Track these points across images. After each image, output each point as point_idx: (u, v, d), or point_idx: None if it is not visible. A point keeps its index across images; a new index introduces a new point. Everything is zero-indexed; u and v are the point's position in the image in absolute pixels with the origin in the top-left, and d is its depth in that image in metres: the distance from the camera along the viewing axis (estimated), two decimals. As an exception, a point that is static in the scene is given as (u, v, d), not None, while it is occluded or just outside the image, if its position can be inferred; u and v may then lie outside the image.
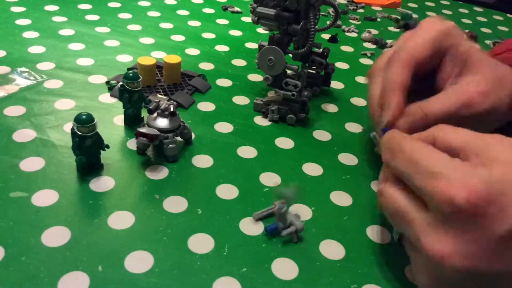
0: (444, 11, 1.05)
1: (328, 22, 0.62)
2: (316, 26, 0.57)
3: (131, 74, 0.52)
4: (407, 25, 0.91)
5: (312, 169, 0.52)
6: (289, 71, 0.59)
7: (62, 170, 0.48)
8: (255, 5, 0.57)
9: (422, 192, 0.33)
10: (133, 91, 0.53)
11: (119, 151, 0.51)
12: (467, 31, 0.90)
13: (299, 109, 0.59)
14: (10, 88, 0.60)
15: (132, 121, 0.55)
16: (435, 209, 0.32)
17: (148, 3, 0.91)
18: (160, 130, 0.50)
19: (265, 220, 0.45)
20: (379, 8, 1.02)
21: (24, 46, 0.70)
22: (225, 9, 0.92)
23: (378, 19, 0.96)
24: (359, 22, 0.94)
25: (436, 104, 0.44)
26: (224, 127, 0.58)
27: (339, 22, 0.90)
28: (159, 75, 0.65)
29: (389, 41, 0.85)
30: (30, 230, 0.41)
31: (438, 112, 0.44)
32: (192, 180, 0.49)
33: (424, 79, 0.48)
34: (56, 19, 0.79)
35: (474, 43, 0.49)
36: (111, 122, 0.56)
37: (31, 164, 0.48)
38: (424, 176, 0.33)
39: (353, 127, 0.61)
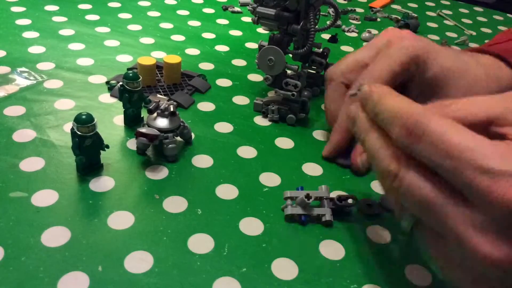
0: (444, 11, 1.05)
1: (328, 22, 0.62)
2: (316, 26, 0.57)
3: (131, 74, 0.52)
4: (407, 25, 0.91)
5: (312, 169, 0.52)
6: (289, 71, 0.59)
7: (62, 170, 0.48)
8: (255, 5, 0.57)
9: (466, 188, 0.27)
10: (133, 91, 0.53)
11: (119, 151, 0.51)
12: (443, 40, 0.89)
13: (299, 109, 0.59)
14: (10, 88, 0.60)
15: (132, 121, 0.55)
16: (486, 210, 0.27)
17: (148, 3, 0.91)
18: (160, 130, 0.50)
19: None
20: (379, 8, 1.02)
21: (24, 46, 0.70)
22: (225, 9, 0.92)
23: (378, 19, 0.96)
24: (359, 22, 0.94)
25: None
26: (224, 127, 0.58)
27: (339, 22, 0.90)
28: (159, 75, 0.65)
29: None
30: (30, 230, 0.41)
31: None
32: (192, 180, 0.49)
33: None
34: (56, 19, 0.79)
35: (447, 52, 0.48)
36: (111, 122, 0.56)
37: (31, 164, 0.48)
38: (471, 170, 0.27)
39: (353, 127, 0.61)
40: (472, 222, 0.28)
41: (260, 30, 0.85)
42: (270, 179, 0.50)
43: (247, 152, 0.54)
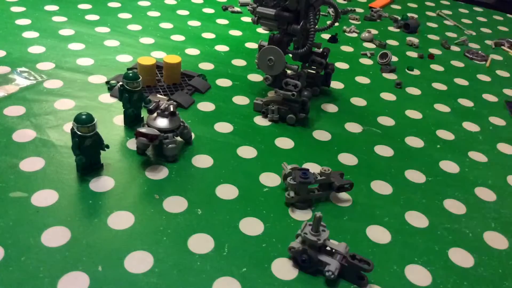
0: (444, 11, 1.05)
1: (328, 22, 0.62)
2: (316, 26, 0.57)
3: (131, 74, 0.52)
4: (407, 25, 0.91)
5: (312, 169, 0.52)
6: (289, 71, 0.59)
7: (62, 170, 0.48)
8: (255, 5, 0.57)
9: None
10: (133, 91, 0.53)
11: (119, 151, 0.51)
12: (443, 40, 0.89)
13: (299, 109, 0.59)
14: (10, 88, 0.60)
15: (132, 121, 0.55)
16: None
17: (148, 3, 0.91)
18: (160, 130, 0.50)
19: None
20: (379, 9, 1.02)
21: (24, 46, 0.70)
22: (225, 9, 0.92)
23: (378, 20, 0.96)
24: (359, 22, 0.94)
25: None
26: (224, 127, 0.58)
27: (337, 24, 0.90)
28: (159, 75, 0.65)
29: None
30: (30, 230, 0.41)
31: None
32: (192, 180, 0.49)
33: None
34: (56, 19, 0.79)
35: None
36: (111, 122, 0.56)
37: (31, 164, 0.48)
38: None
39: (353, 127, 0.61)
40: None
41: (260, 30, 0.85)
42: (270, 179, 0.50)
43: (247, 152, 0.54)
